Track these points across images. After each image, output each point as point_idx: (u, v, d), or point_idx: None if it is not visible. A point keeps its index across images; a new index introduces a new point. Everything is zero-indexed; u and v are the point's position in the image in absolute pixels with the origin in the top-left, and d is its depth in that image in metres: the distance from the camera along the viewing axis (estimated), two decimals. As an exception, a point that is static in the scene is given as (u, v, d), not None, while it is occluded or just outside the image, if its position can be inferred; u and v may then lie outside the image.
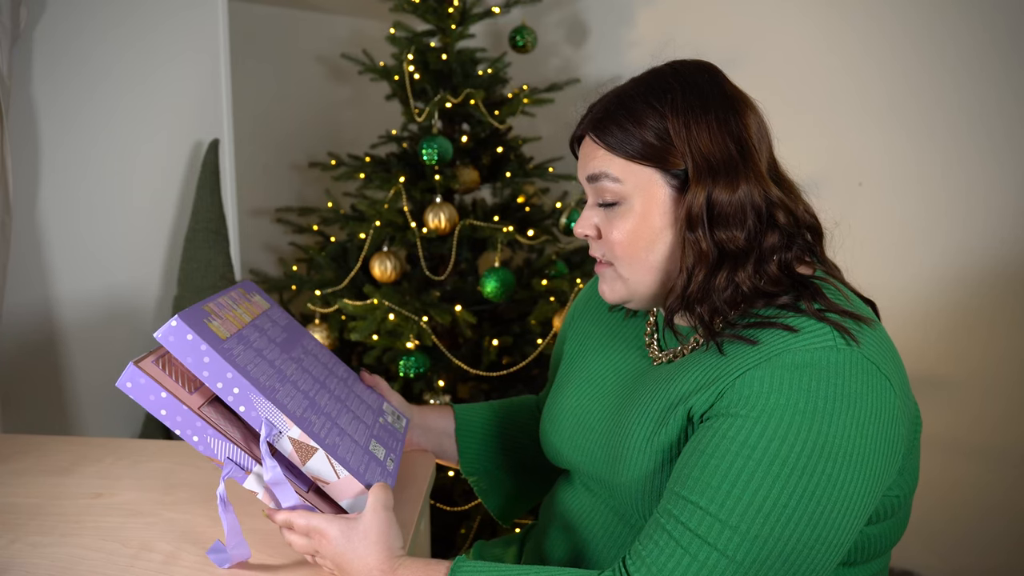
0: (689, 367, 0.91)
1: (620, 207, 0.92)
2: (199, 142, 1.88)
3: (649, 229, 0.91)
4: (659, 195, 0.91)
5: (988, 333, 1.86)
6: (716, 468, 0.81)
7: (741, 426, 0.81)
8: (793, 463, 0.79)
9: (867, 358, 0.83)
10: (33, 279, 1.66)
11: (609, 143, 0.91)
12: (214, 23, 1.87)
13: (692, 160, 0.88)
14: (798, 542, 0.78)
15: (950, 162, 1.85)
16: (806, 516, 0.78)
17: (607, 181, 0.92)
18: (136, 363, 0.85)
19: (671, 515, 0.82)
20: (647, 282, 0.93)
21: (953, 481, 1.91)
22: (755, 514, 0.78)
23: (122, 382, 0.84)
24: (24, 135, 1.59)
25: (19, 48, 1.56)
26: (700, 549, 0.79)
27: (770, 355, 0.83)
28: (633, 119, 0.91)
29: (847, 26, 1.94)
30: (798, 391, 0.80)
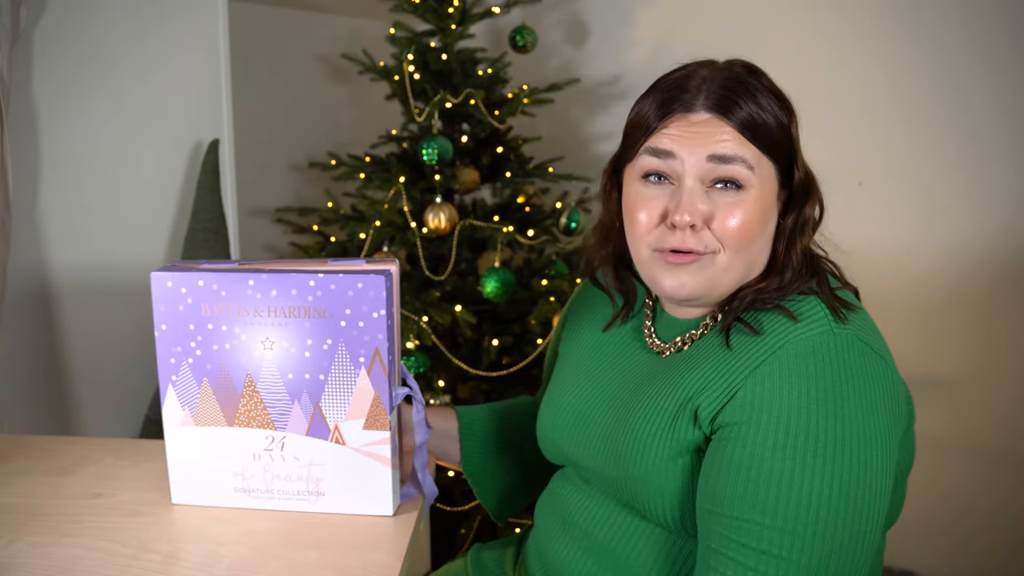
0: (697, 362, 0.92)
1: (743, 193, 0.90)
2: (199, 142, 1.87)
3: (761, 219, 0.91)
4: (773, 189, 0.93)
5: (988, 333, 1.85)
6: (757, 479, 0.81)
7: (767, 430, 0.82)
8: (823, 452, 0.80)
9: (861, 339, 0.86)
10: (33, 279, 1.66)
11: (747, 129, 0.89)
12: (214, 23, 1.87)
13: (802, 165, 0.94)
14: (850, 528, 0.80)
15: (950, 162, 1.85)
16: (848, 500, 0.80)
17: (740, 166, 0.89)
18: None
19: (727, 539, 0.82)
20: (736, 274, 0.92)
21: (953, 481, 1.91)
22: (807, 512, 0.79)
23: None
24: (24, 135, 1.59)
25: (19, 48, 1.56)
26: (768, 564, 0.80)
27: (774, 348, 0.85)
28: (767, 112, 0.91)
29: (847, 26, 1.94)
30: (807, 379, 0.82)
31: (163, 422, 1.00)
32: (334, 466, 0.98)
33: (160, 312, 0.96)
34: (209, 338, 0.95)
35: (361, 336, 0.92)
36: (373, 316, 0.91)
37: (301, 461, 0.98)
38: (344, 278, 0.91)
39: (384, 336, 0.92)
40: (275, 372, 0.95)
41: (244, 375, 0.96)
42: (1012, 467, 1.85)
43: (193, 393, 0.98)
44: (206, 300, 0.94)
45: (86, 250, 1.71)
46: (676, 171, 0.91)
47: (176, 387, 0.98)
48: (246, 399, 0.97)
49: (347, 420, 0.96)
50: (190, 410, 0.98)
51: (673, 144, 0.90)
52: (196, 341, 0.96)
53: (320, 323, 0.93)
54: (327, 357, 0.94)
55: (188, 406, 0.98)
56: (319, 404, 0.96)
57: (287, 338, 0.94)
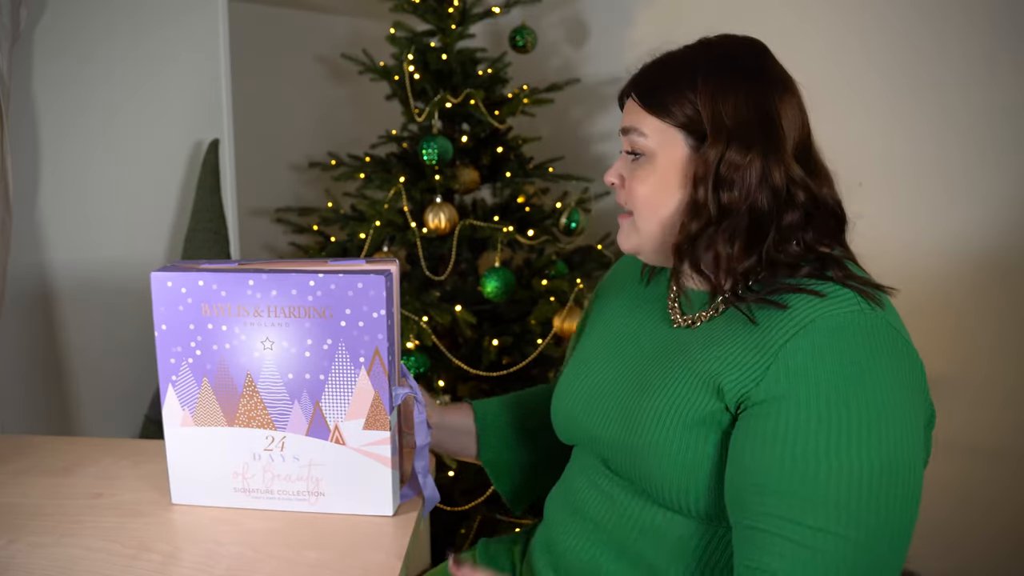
0: (720, 338, 0.92)
1: (643, 160, 0.97)
2: (199, 142, 1.87)
3: (665, 185, 0.96)
4: (679, 154, 0.95)
5: (990, 333, 1.85)
6: (804, 454, 0.81)
7: (807, 404, 0.82)
8: (867, 424, 0.80)
9: (890, 324, 0.86)
10: (33, 279, 1.66)
11: (643, 100, 0.97)
12: (214, 23, 1.87)
13: (712, 123, 0.92)
14: (896, 502, 0.80)
15: (951, 162, 1.85)
16: (894, 474, 0.80)
17: (635, 135, 0.97)
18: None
19: (775, 517, 0.81)
20: (655, 234, 0.98)
21: (954, 480, 1.91)
22: (858, 486, 0.79)
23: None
24: (24, 135, 1.59)
25: (19, 48, 1.56)
26: (825, 541, 0.78)
27: (804, 322, 0.85)
28: (668, 80, 0.96)
29: (848, 26, 1.94)
30: (840, 353, 0.83)
31: (163, 422, 1.00)
32: (334, 466, 0.98)
33: (160, 312, 0.96)
34: (209, 338, 0.95)
35: (361, 336, 0.92)
36: (373, 316, 0.91)
37: (301, 461, 0.98)
38: (344, 278, 0.91)
39: (384, 336, 0.92)
40: (275, 372, 0.95)
41: (244, 375, 0.96)
42: (1012, 466, 1.85)
43: (193, 393, 0.98)
44: (206, 300, 0.94)
45: (86, 250, 1.72)
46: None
47: (176, 387, 0.98)
48: (246, 399, 0.97)
49: (347, 420, 0.96)
50: (190, 410, 0.99)
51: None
52: (196, 341, 0.96)
53: (320, 323, 0.93)
54: (327, 357, 0.94)
55: (188, 406, 0.98)
56: (319, 404, 0.96)
57: (287, 338, 0.94)
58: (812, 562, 0.78)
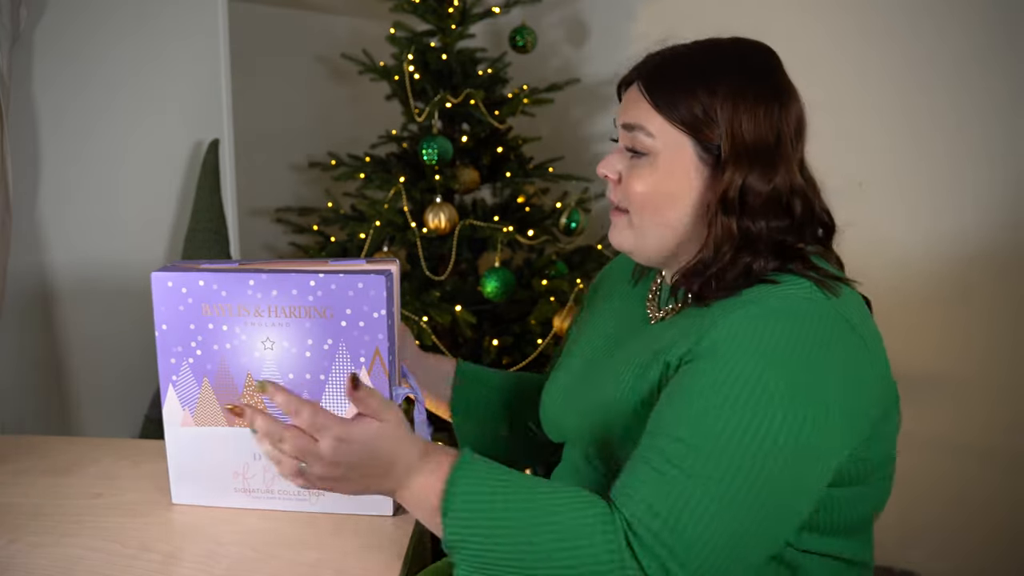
0: (677, 321, 0.95)
1: (646, 160, 0.94)
2: (199, 142, 1.87)
3: (667, 189, 0.94)
4: (686, 162, 0.93)
5: (991, 333, 1.85)
6: (692, 403, 0.83)
7: (715, 365, 0.83)
8: (767, 400, 0.81)
9: (842, 313, 0.86)
10: (33, 279, 1.66)
11: (655, 100, 0.93)
12: (214, 23, 1.87)
13: (731, 142, 0.90)
14: (774, 480, 0.80)
15: (951, 162, 1.85)
16: (780, 455, 0.80)
17: (641, 134, 0.94)
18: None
19: (652, 448, 0.83)
20: (654, 236, 0.96)
21: (954, 481, 1.91)
22: (736, 447, 0.80)
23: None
24: (24, 135, 1.59)
25: (19, 48, 1.56)
26: (684, 480, 0.80)
27: (745, 303, 0.87)
28: (684, 85, 0.92)
29: (848, 26, 1.94)
30: (771, 334, 0.83)
31: (163, 422, 1.00)
32: None
33: (161, 312, 0.96)
34: (210, 338, 0.95)
35: (362, 336, 0.92)
36: (373, 316, 0.91)
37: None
38: (344, 278, 0.91)
39: (384, 336, 0.92)
40: (276, 372, 0.95)
41: (245, 375, 0.96)
42: (1012, 466, 1.85)
43: (193, 393, 0.98)
44: (207, 300, 0.94)
45: (86, 250, 1.72)
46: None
47: (176, 387, 0.98)
48: (247, 399, 0.97)
49: None
50: (190, 410, 0.98)
51: (618, 113, 0.99)
52: (197, 341, 0.96)
53: (321, 323, 0.93)
54: (328, 357, 0.93)
55: (188, 406, 0.98)
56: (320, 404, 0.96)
57: (288, 338, 0.94)
58: (665, 495, 0.80)
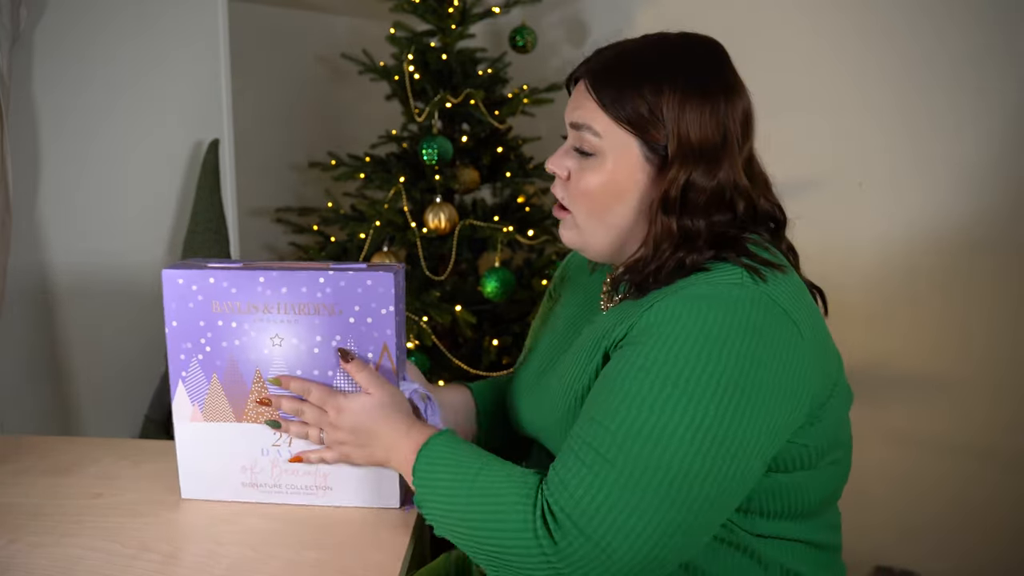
0: (619, 310, 0.95)
1: (594, 159, 0.94)
2: (199, 142, 1.88)
3: (614, 189, 0.94)
4: (633, 161, 0.93)
5: (990, 332, 1.85)
6: (617, 389, 0.83)
7: (641, 351, 0.84)
8: (684, 386, 0.81)
9: (773, 299, 0.86)
10: (33, 278, 1.66)
11: (601, 98, 0.93)
12: (214, 23, 1.87)
13: (677, 141, 0.90)
14: (695, 467, 0.80)
15: (950, 161, 1.85)
16: (703, 441, 0.80)
17: (588, 133, 0.94)
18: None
19: (579, 438, 0.85)
20: (599, 235, 0.97)
21: (953, 481, 1.91)
22: (655, 434, 0.80)
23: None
24: (24, 135, 1.59)
25: (19, 48, 1.56)
26: (601, 466, 0.81)
27: (676, 289, 0.87)
28: (631, 83, 0.92)
29: (848, 26, 1.94)
30: (695, 319, 0.83)
31: (173, 417, 1.01)
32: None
33: (171, 309, 0.96)
34: (219, 335, 0.96)
35: (370, 332, 0.94)
36: (382, 312, 0.93)
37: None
38: (354, 275, 0.93)
39: (392, 332, 0.94)
40: (284, 368, 0.96)
41: (253, 371, 0.96)
42: (1012, 466, 1.85)
43: (203, 389, 0.98)
44: (216, 297, 0.95)
45: (86, 250, 1.72)
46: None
47: (186, 383, 0.99)
48: (255, 395, 0.97)
49: None
50: (199, 406, 0.99)
51: (566, 110, 0.98)
52: (206, 338, 0.96)
53: (329, 320, 0.94)
54: (336, 353, 0.95)
55: (197, 402, 0.99)
56: None
57: (296, 335, 0.95)
58: (582, 480, 0.81)
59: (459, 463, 0.89)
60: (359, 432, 0.94)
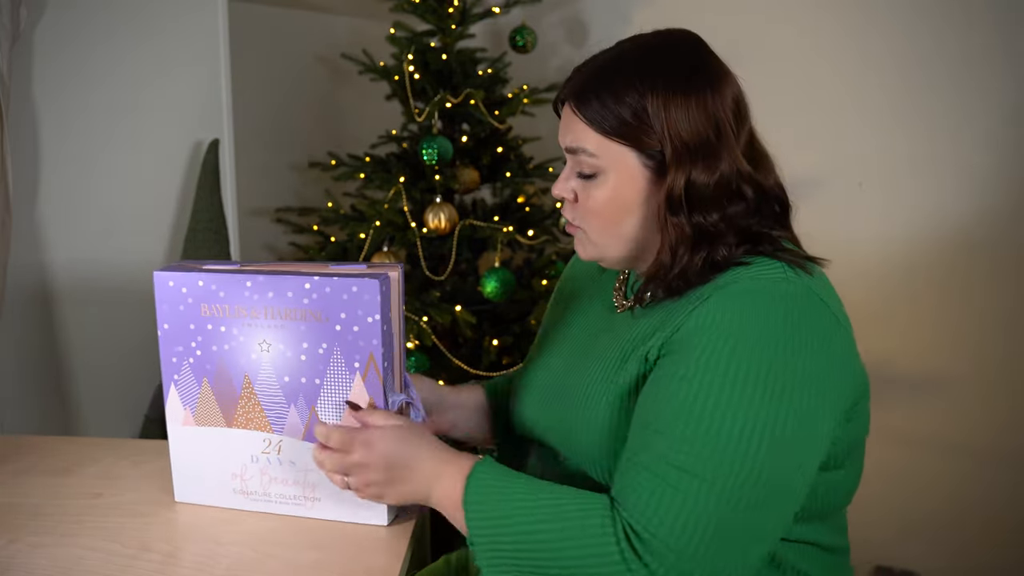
0: (650, 312, 0.93)
1: (596, 179, 0.93)
2: (199, 142, 1.88)
3: (622, 203, 0.93)
4: (633, 172, 0.91)
5: (990, 332, 1.85)
6: (694, 395, 0.81)
7: (710, 351, 0.82)
8: (763, 382, 0.80)
9: (817, 294, 0.85)
10: (33, 278, 1.66)
11: (587, 116, 0.92)
12: (214, 23, 1.87)
13: (670, 143, 0.89)
14: (772, 464, 0.79)
15: (949, 161, 1.85)
16: (777, 438, 0.79)
17: (584, 155, 0.93)
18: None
19: (646, 450, 0.82)
20: (616, 248, 0.96)
21: (953, 480, 1.91)
22: (736, 438, 0.78)
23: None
24: (24, 135, 1.59)
25: (19, 48, 1.56)
26: (680, 479, 0.79)
27: (722, 285, 0.86)
28: (612, 95, 0.90)
29: (846, 26, 1.94)
30: (750, 315, 0.82)
31: (166, 420, 1.00)
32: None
33: (163, 311, 0.96)
34: (209, 339, 0.95)
35: (356, 341, 0.91)
36: (368, 321, 0.90)
37: (297, 466, 0.98)
38: (339, 282, 0.90)
39: (379, 341, 0.91)
40: (272, 375, 0.95)
41: (242, 376, 0.96)
42: (1010, 464, 1.85)
43: (194, 393, 0.98)
44: (205, 300, 0.94)
45: (86, 250, 1.72)
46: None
47: (178, 386, 0.98)
48: (244, 401, 0.97)
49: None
50: (191, 409, 0.99)
51: (558, 134, 0.98)
52: (196, 341, 0.96)
53: (316, 327, 0.92)
54: (322, 361, 0.93)
55: (189, 405, 0.99)
56: (315, 408, 0.95)
57: (283, 341, 0.93)
58: (671, 500, 0.78)
59: (512, 489, 0.86)
60: (394, 467, 0.90)
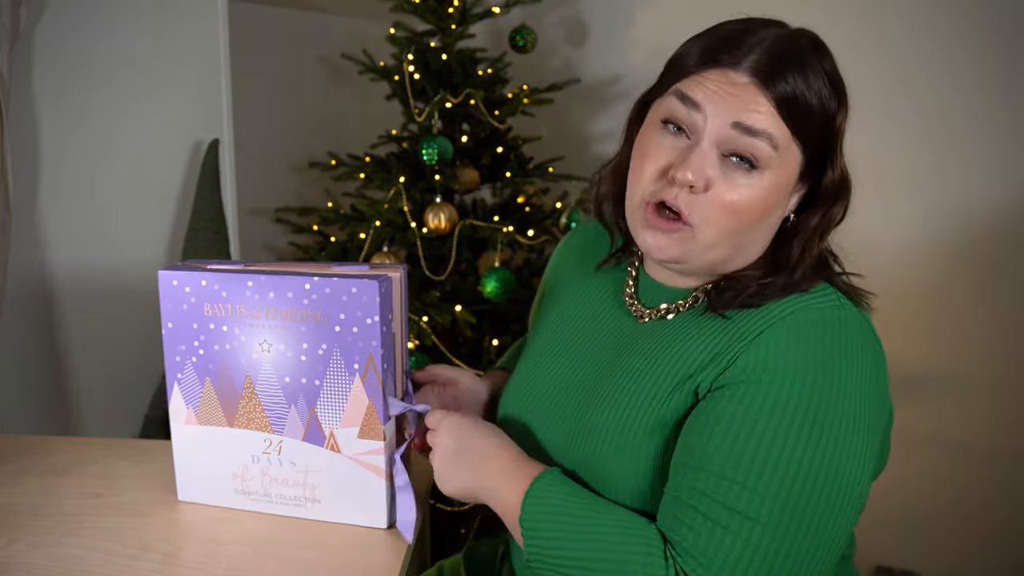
0: (692, 335, 0.87)
1: (753, 173, 0.83)
2: (199, 142, 1.87)
3: (764, 207, 0.84)
4: (791, 176, 0.85)
5: (990, 332, 1.85)
6: (746, 437, 0.77)
7: (766, 391, 0.78)
8: (821, 422, 0.77)
9: (868, 322, 0.85)
10: (33, 278, 1.66)
11: (785, 106, 0.81)
12: (214, 23, 1.87)
13: (840, 169, 0.87)
14: (827, 504, 0.77)
15: (948, 161, 1.85)
16: (834, 474, 0.77)
17: (764, 142, 0.82)
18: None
19: (700, 494, 0.78)
20: (717, 253, 0.86)
21: (954, 480, 1.91)
22: (792, 479, 0.76)
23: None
24: (24, 135, 1.59)
25: (19, 48, 1.56)
26: (742, 524, 0.76)
27: (782, 315, 0.81)
28: (813, 95, 0.83)
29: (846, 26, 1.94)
30: (816, 348, 0.79)
31: (170, 418, 1.01)
32: (329, 473, 0.97)
33: (166, 310, 0.97)
34: (211, 338, 0.96)
35: (355, 342, 0.91)
36: (367, 322, 0.90)
37: (297, 466, 0.98)
38: (339, 282, 0.90)
39: (378, 343, 0.91)
40: (272, 375, 0.95)
41: (244, 376, 0.96)
42: (1012, 465, 1.85)
43: (196, 392, 0.98)
44: (208, 300, 0.94)
45: (86, 250, 1.72)
46: (697, 126, 0.84)
47: (181, 385, 0.99)
48: (245, 400, 0.97)
49: (342, 427, 0.95)
50: (193, 408, 0.99)
51: (703, 96, 0.83)
52: (199, 340, 0.96)
53: (315, 327, 0.92)
54: (322, 362, 0.93)
55: (192, 404, 0.99)
56: (315, 409, 0.95)
57: (284, 341, 0.94)
58: (721, 543, 0.76)
59: (570, 513, 0.82)
60: (461, 452, 0.90)
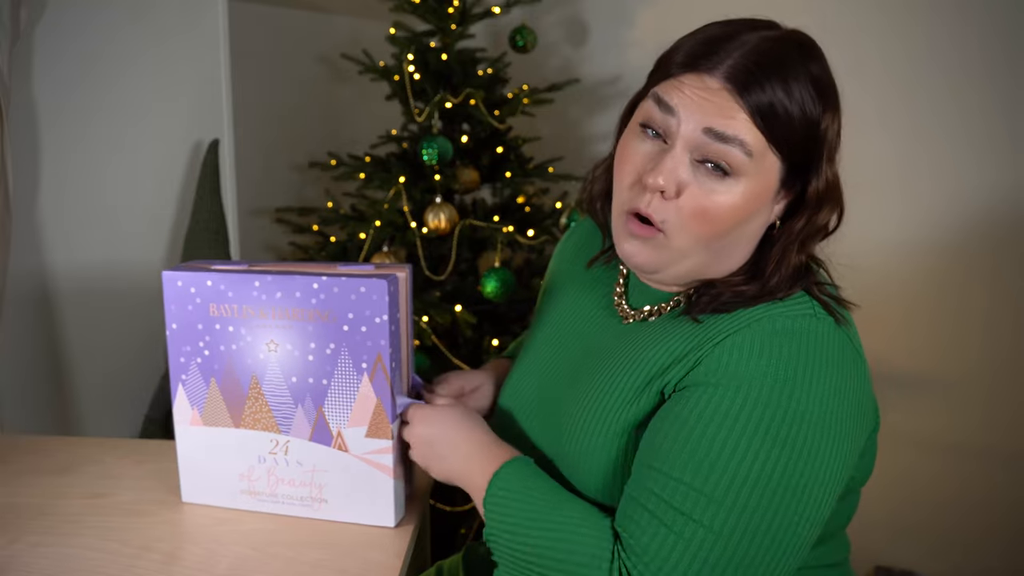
0: (663, 337, 0.87)
1: (727, 179, 0.80)
2: (199, 142, 1.87)
3: (740, 215, 0.82)
4: (770, 184, 0.82)
5: (988, 332, 1.86)
6: (697, 439, 0.77)
7: (723, 396, 0.77)
8: (775, 432, 0.76)
9: (844, 333, 0.82)
10: (33, 279, 1.66)
11: (760, 114, 0.78)
12: (214, 23, 1.87)
13: (827, 178, 0.84)
14: (783, 512, 0.76)
15: (945, 162, 1.85)
16: (789, 485, 0.76)
17: (737, 149, 0.79)
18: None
19: (652, 493, 0.78)
20: (692, 261, 0.85)
21: (953, 481, 1.91)
22: (740, 485, 0.75)
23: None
24: (24, 135, 1.59)
25: (19, 48, 1.56)
26: (685, 526, 0.76)
27: (749, 321, 0.80)
28: (793, 103, 0.79)
29: (844, 27, 1.94)
30: (778, 358, 0.78)
31: (174, 420, 1.01)
32: (337, 473, 0.97)
33: (171, 311, 0.96)
34: (216, 338, 0.96)
35: (364, 341, 0.92)
36: (375, 321, 0.91)
37: (304, 466, 0.98)
38: (347, 282, 0.90)
39: (387, 342, 0.91)
40: (279, 375, 0.95)
41: (250, 376, 0.96)
42: (1010, 465, 1.85)
43: (201, 393, 0.98)
44: (214, 300, 0.94)
45: (86, 250, 1.71)
46: (671, 130, 0.82)
47: (186, 386, 0.98)
48: (251, 401, 0.97)
49: (349, 427, 0.95)
50: (198, 409, 0.99)
51: (678, 100, 0.81)
52: (204, 341, 0.96)
53: (323, 327, 0.92)
54: (330, 362, 0.93)
55: (197, 405, 0.99)
56: (322, 409, 0.95)
57: (291, 341, 0.94)
58: (664, 543, 0.76)
59: (531, 499, 0.84)
60: (436, 443, 0.93)
